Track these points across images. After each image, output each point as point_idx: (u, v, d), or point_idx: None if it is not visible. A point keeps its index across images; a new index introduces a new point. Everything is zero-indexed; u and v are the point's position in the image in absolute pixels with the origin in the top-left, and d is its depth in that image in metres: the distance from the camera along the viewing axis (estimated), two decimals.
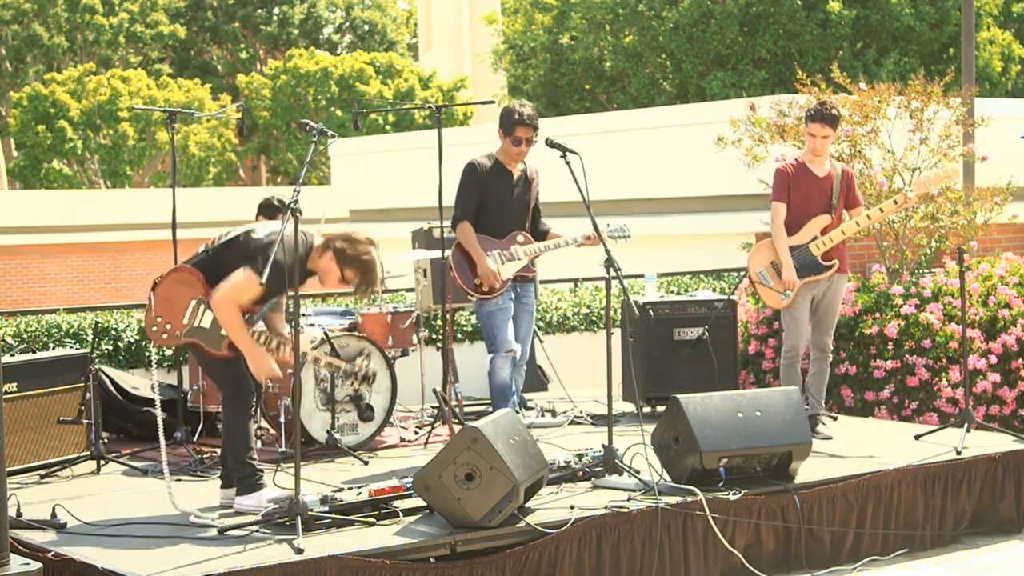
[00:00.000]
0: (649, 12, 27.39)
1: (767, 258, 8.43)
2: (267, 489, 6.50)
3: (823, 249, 8.31)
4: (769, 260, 8.41)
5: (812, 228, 8.33)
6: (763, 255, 8.45)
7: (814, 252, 8.32)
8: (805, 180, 8.34)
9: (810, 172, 8.36)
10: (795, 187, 8.33)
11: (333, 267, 6.45)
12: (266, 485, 6.53)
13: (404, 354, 8.81)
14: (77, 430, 7.75)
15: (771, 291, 8.42)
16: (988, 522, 7.58)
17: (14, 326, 9.03)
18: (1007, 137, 13.34)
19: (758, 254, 8.49)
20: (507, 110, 7.90)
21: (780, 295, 8.37)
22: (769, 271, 8.40)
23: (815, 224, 8.33)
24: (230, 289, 6.30)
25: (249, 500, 6.45)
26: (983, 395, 9.51)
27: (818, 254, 8.32)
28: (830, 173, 8.39)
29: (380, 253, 6.55)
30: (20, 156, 40.10)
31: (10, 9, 41.60)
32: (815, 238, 8.32)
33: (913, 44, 26.61)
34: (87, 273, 29.31)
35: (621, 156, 16.15)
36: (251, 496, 6.46)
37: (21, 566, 5.19)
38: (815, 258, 8.32)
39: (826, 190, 8.34)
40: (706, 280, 12.02)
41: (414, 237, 10.00)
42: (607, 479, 6.93)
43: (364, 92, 36.43)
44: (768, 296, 8.47)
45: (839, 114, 8.44)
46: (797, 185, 8.33)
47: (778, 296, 8.38)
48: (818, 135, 8.30)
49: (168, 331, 6.39)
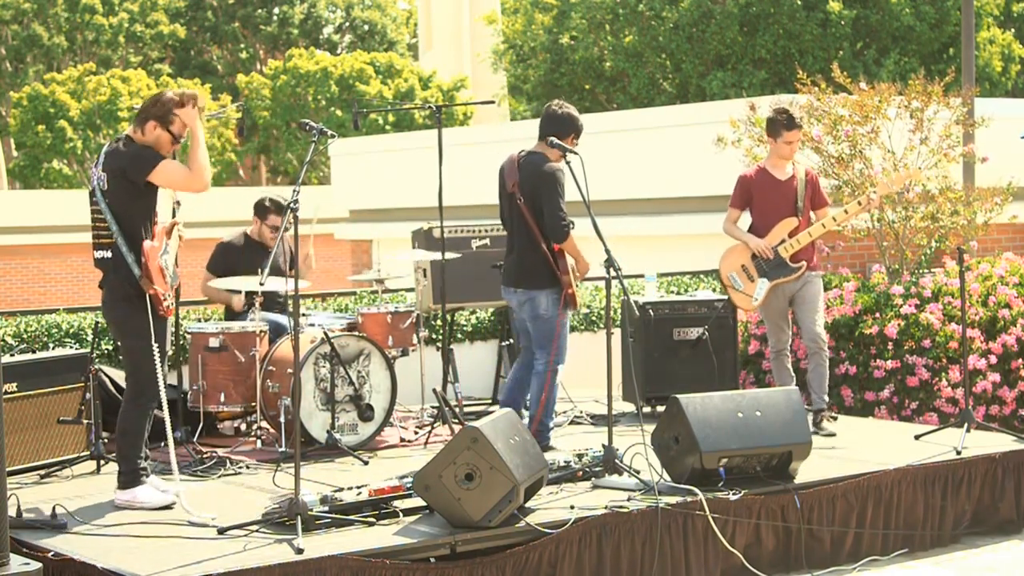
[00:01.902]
0: (649, 12, 27.38)
1: (738, 261, 8.58)
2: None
3: (791, 251, 8.48)
4: (740, 263, 8.57)
5: (780, 231, 8.49)
6: (734, 258, 8.62)
7: (783, 254, 8.47)
8: (768, 185, 8.54)
9: (772, 177, 8.56)
10: (758, 193, 8.54)
11: (158, 132, 6.56)
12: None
13: (404, 354, 8.81)
14: (77, 430, 7.75)
15: (742, 295, 8.59)
16: (988, 522, 7.58)
17: (14, 326, 9.02)
18: (1007, 137, 13.34)
19: (729, 257, 8.64)
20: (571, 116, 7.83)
21: (751, 298, 8.55)
22: (740, 274, 8.55)
23: (783, 227, 8.50)
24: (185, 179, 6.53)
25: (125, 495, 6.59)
26: (983, 395, 9.51)
27: (786, 256, 8.47)
28: (793, 176, 8.57)
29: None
30: (20, 156, 40.09)
31: (10, 9, 41.59)
32: (783, 241, 8.47)
33: (913, 44, 26.60)
34: (87, 273, 29.27)
35: (621, 156, 16.14)
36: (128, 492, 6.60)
37: (21, 566, 5.19)
38: (784, 260, 8.46)
39: (790, 194, 8.52)
40: (706, 280, 12.02)
41: (414, 237, 10.00)
42: (607, 479, 6.94)
43: (364, 92, 36.42)
44: (739, 299, 8.66)
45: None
46: (760, 190, 8.54)
47: (748, 299, 8.57)
48: (794, 141, 8.53)
49: (170, 299, 6.57)
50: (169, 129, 6.57)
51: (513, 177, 7.83)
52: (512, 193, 7.82)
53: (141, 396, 6.62)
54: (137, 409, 6.63)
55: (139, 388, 6.63)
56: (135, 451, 6.61)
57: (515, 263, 7.86)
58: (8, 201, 32.19)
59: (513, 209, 7.84)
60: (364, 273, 10.21)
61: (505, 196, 7.92)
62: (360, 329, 8.65)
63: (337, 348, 8.08)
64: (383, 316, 8.72)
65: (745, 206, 8.61)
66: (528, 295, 7.80)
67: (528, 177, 7.75)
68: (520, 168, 7.83)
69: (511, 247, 7.95)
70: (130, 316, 6.50)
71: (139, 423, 6.62)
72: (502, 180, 7.93)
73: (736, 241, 8.63)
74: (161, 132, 6.57)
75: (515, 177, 7.82)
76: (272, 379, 8.16)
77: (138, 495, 6.56)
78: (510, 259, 7.93)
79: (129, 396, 6.67)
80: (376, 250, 20.83)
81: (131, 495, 6.57)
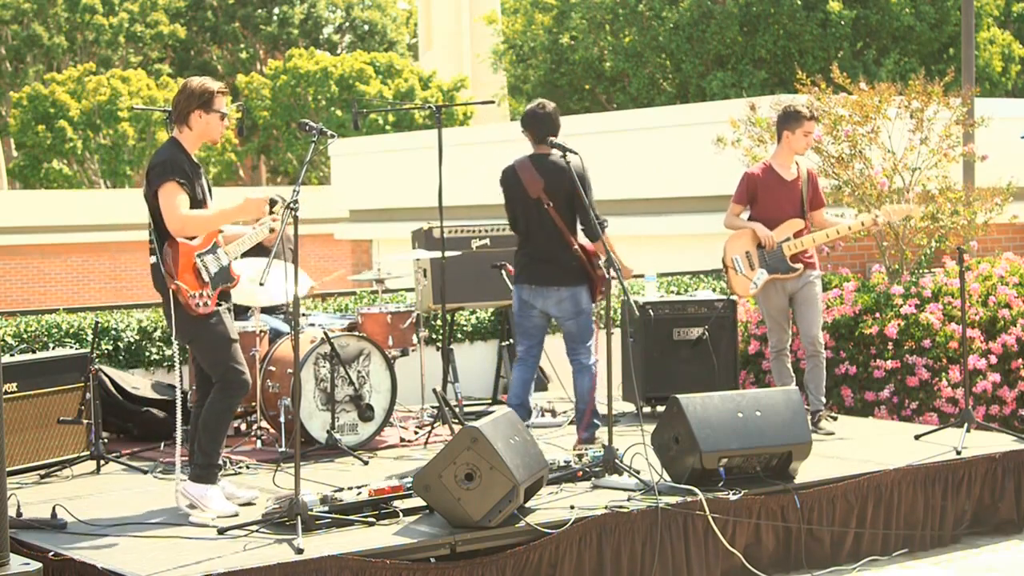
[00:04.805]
0: (649, 12, 27.39)
1: (743, 247, 8.59)
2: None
3: (793, 251, 8.50)
4: (744, 249, 8.58)
5: (786, 229, 8.51)
6: (742, 242, 8.63)
7: (785, 252, 8.49)
8: (774, 184, 8.55)
9: (779, 176, 8.57)
10: (763, 191, 8.55)
11: (207, 117, 6.58)
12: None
13: (404, 354, 8.81)
14: (77, 430, 7.75)
15: (742, 278, 8.60)
16: (988, 522, 7.58)
17: (14, 326, 9.02)
18: (1007, 137, 13.34)
19: (737, 240, 8.64)
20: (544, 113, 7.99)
21: (750, 283, 8.55)
22: (743, 259, 8.57)
23: (790, 226, 8.52)
24: (168, 212, 6.38)
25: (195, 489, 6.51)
26: (983, 395, 9.51)
27: (787, 255, 8.49)
28: (798, 176, 8.58)
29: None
30: (20, 156, 40.09)
31: (10, 9, 41.58)
32: (788, 239, 8.49)
33: (913, 44, 26.61)
34: (87, 273, 29.32)
35: (621, 156, 16.14)
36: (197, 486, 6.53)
37: (21, 566, 5.19)
38: (784, 258, 8.48)
39: (795, 194, 8.56)
40: (706, 280, 12.02)
41: (414, 237, 10.00)
42: (607, 479, 6.94)
43: (364, 92, 36.42)
44: (738, 283, 8.65)
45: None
46: (766, 189, 8.54)
47: (748, 284, 8.58)
48: (812, 132, 8.58)
49: (205, 296, 6.44)
50: (213, 111, 6.58)
51: (536, 182, 7.87)
52: (538, 199, 7.87)
53: (223, 391, 6.52)
54: (220, 403, 6.52)
55: (221, 383, 6.52)
56: (214, 446, 6.51)
57: (546, 263, 7.95)
58: (8, 201, 32.19)
59: (542, 214, 7.90)
60: (364, 273, 10.20)
61: (524, 202, 7.94)
62: (360, 329, 8.65)
63: (337, 348, 8.08)
64: (383, 316, 8.72)
65: (748, 203, 8.61)
66: (571, 291, 7.95)
67: (562, 180, 7.81)
68: (545, 172, 7.88)
69: (535, 250, 7.99)
70: (170, 316, 6.47)
71: (220, 418, 6.52)
72: (519, 187, 7.94)
73: (747, 228, 8.63)
74: (208, 116, 6.58)
75: (539, 182, 7.86)
76: (272, 379, 8.17)
77: (209, 495, 6.45)
78: (537, 261, 7.99)
79: (214, 390, 6.57)
80: (376, 250, 20.83)
81: (202, 492, 6.45)
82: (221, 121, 6.63)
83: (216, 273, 6.52)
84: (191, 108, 6.57)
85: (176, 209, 6.39)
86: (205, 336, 6.50)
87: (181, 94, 6.62)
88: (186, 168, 6.48)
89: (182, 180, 6.42)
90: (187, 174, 6.47)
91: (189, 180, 6.46)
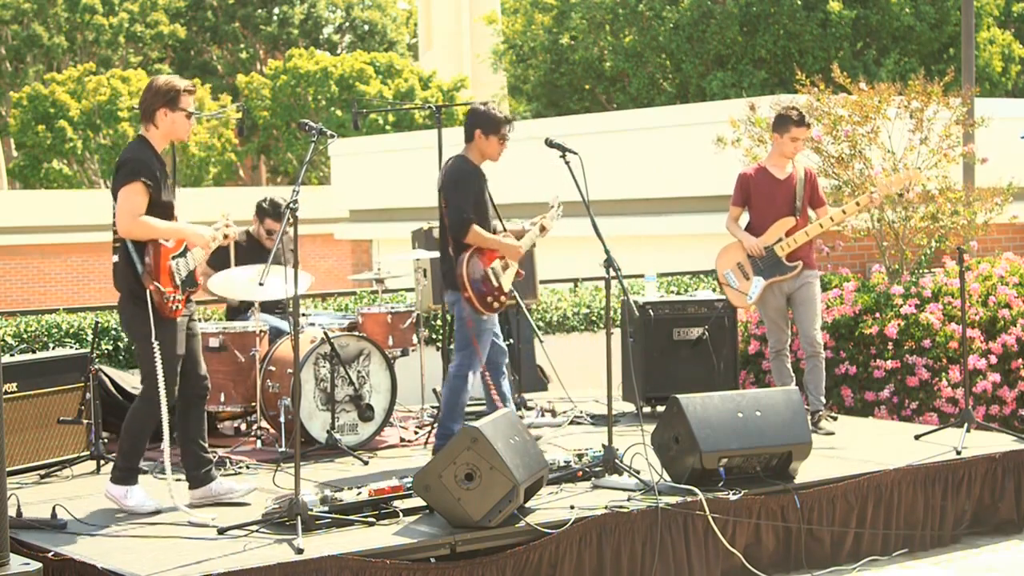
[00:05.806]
0: (649, 12, 27.38)
1: (734, 259, 8.62)
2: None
3: (787, 250, 8.50)
4: (736, 261, 8.62)
5: (777, 229, 8.51)
6: (730, 256, 8.65)
7: (779, 253, 8.50)
8: (766, 184, 8.56)
9: (771, 176, 8.58)
10: (756, 191, 8.57)
11: (173, 116, 6.51)
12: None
13: (404, 354, 8.81)
14: (77, 430, 7.75)
15: (737, 292, 8.63)
16: (988, 522, 7.58)
17: (14, 326, 9.03)
18: (1007, 137, 13.35)
19: (725, 255, 8.68)
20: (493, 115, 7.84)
21: (745, 296, 8.57)
22: (735, 272, 8.59)
23: (780, 226, 8.52)
24: (123, 212, 6.36)
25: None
26: (983, 395, 9.51)
27: (783, 255, 8.50)
28: (792, 175, 8.59)
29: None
30: (20, 156, 40.08)
31: (10, 9, 41.58)
32: (780, 239, 8.49)
33: (913, 44, 26.61)
34: (87, 273, 29.31)
35: (621, 156, 16.14)
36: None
37: (21, 566, 5.19)
38: (780, 259, 8.48)
39: (788, 193, 8.55)
40: (706, 280, 12.02)
41: (414, 237, 10.00)
42: (607, 479, 6.94)
43: (364, 92, 36.41)
44: (734, 297, 8.70)
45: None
46: (758, 189, 8.56)
47: (743, 297, 8.60)
48: (800, 139, 8.54)
49: (175, 300, 6.44)
50: (179, 109, 6.54)
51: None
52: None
53: (148, 405, 6.53)
54: (144, 409, 6.55)
55: (146, 398, 6.54)
56: (135, 450, 6.56)
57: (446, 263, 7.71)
58: (8, 201, 32.18)
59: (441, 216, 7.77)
60: (364, 273, 10.20)
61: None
62: (360, 329, 8.65)
63: (337, 348, 8.08)
64: (383, 316, 8.72)
65: (745, 204, 8.64)
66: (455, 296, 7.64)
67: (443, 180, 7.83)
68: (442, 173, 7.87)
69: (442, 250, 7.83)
70: (135, 316, 6.47)
71: (142, 423, 6.56)
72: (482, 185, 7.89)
73: (732, 240, 8.66)
74: (174, 115, 6.55)
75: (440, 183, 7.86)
76: (272, 379, 8.17)
77: (130, 494, 6.52)
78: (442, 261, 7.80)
79: (140, 395, 6.60)
80: (376, 250, 20.84)
81: (122, 492, 6.52)
82: (188, 120, 6.58)
83: (185, 277, 6.55)
84: (156, 106, 6.53)
85: (132, 210, 6.37)
86: (162, 341, 6.46)
87: (147, 92, 6.59)
88: (155, 169, 6.47)
89: (149, 182, 6.40)
90: (155, 176, 6.46)
91: (156, 182, 6.45)
